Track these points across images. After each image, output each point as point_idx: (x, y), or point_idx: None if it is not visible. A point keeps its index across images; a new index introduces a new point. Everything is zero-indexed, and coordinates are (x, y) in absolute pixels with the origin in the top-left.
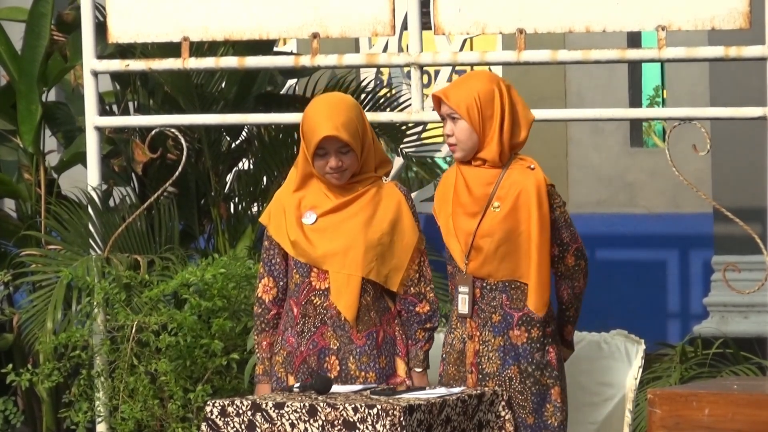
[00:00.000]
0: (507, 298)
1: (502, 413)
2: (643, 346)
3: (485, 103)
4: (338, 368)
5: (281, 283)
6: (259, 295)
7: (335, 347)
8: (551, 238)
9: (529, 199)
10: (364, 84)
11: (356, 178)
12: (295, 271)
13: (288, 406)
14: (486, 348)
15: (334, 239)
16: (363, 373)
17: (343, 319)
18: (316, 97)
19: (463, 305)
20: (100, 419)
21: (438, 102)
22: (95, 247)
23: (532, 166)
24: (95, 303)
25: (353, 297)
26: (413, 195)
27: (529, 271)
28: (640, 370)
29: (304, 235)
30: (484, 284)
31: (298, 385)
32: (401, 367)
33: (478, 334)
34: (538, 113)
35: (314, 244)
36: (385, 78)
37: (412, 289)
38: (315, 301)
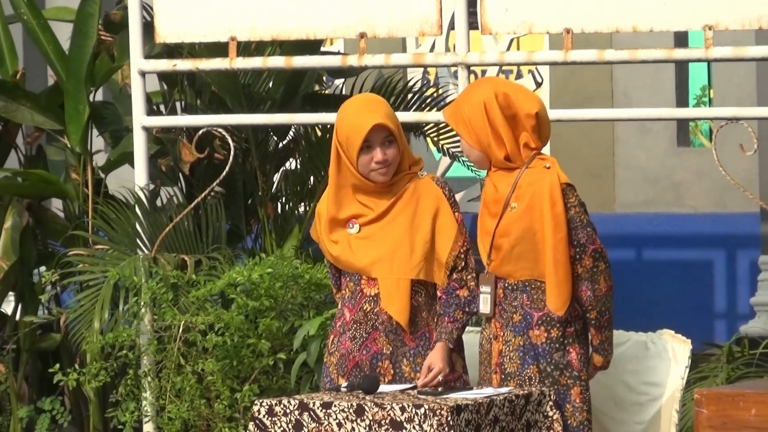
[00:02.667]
0: (527, 298)
1: (550, 413)
2: (690, 346)
3: (474, 117)
4: (392, 372)
5: (337, 285)
6: (337, 299)
7: (388, 351)
8: (568, 238)
9: (542, 197)
10: (411, 84)
11: (394, 177)
12: (348, 279)
13: (335, 406)
14: (508, 348)
15: (379, 245)
16: (417, 375)
17: (395, 323)
18: (346, 102)
19: (484, 305)
20: (146, 419)
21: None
22: (142, 246)
23: (548, 165)
24: (142, 303)
25: (404, 301)
26: (460, 195)
27: (545, 270)
28: (687, 369)
29: (348, 245)
30: (506, 284)
31: (345, 384)
32: (458, 362)
33: (501, 334)
34: (585, 113)
35: (359, 254)
36: (431, 78)
37: (454, 275)
38: (366, 308)
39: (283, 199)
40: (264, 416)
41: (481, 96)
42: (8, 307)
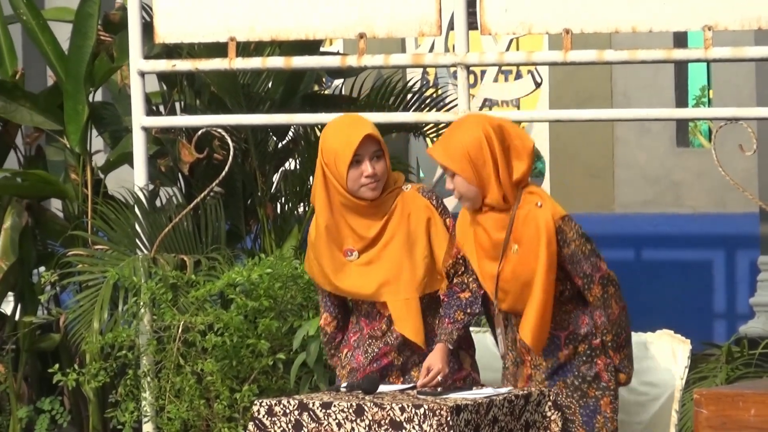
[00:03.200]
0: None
1: (549, 413)
2: (689, 346)
3: (475, 154)
4: (401, 379)
5: (339, 315)
6: (322, 326)
7: (398, 363)
8: (573, 271)
9: (538, 238)
10: (410, 84)
11: (382, 195)
12: (361, 300)
13: (335, 406)
14: (538, 371)
15: (381, 269)
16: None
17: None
18: (329, 123)
19: (502, 346)
20: (146, 419)
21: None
22: (142, 247)
23: (539, 203)
24: (141, 303)
25: (417, 321)
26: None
27: (530, 306)
28: (687, 370)
29: (352, 274)
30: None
31: (345, 384)
32: (467, 360)
33: (529, 358)
34: (585, 113)
35: (364, 281)
36: (431, 78)
37: (455, 279)
38: (383, 328)
39: (283, 199)
40: (263, 416)
41: (478, 130)
42: (8, 308)
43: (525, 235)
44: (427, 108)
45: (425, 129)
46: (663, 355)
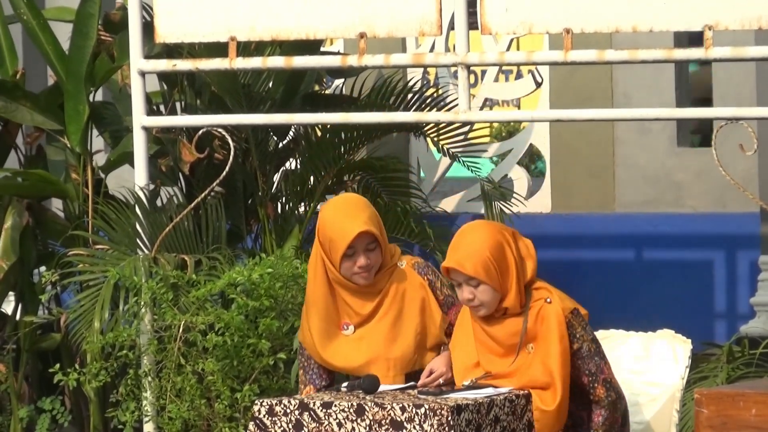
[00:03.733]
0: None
1: None
2: (690, 346)
3: (500, 260)
4: None
5: (323, 384)
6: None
7: None
8: (581, 367)
9: (551, 333)
10: (410, 84)
11: (376, 276)
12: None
13: (335, 406)
14: None
15: (372, 345)
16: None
17: None
18: (328, 203)
19: None
20: (147, 419)
21: (448, 272)
22: (142, 247)
23: (548, 299)
24: (142, 303)
25: None
26: (460, 195)
27: (552, 396)
28: (687, 369)
29: (341, 348)
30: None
31: (345, 384)
32: None
33: None
34: (585, 113)
35: (353, 355)
36: (431, 78)
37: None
38: None
39: (283, 199)
40: (264, 416)
41: (497, 237)
42: (8, 307)
43: (538, 332)
44: (428, 108)
45: (426, 129)
46: (663, 355)
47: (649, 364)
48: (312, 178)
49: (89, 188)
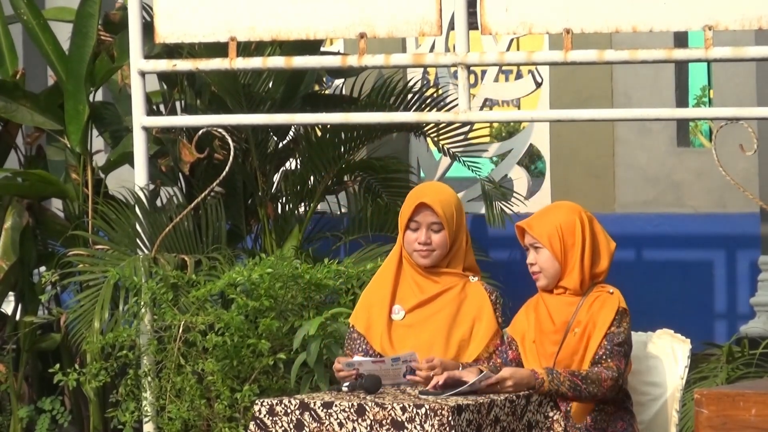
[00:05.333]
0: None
1: (551, 413)
2: (690, 346)
3: (567, 234)
4: None
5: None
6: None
7: None
8: (605, 341)
9: (603, 319)
10: (410, 84)
11: (444, 270)
12: None
13: (336, 406)
14: None
15: (420, 334)
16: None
17: None
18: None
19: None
20: (147, 419)
21: (522, 232)
22: (142, 247)
23: (611, 291)
24: (142, 303)
25: None
26: (461, 195)
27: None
28: (687, 369)
29: (389, 334)
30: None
31: (347, 384)
32: None
33: None
34: (585, 113)
35: (398, 343)
36: (431, 78)
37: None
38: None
39: (283, 199)
40: (265, 416)
41: (574, 214)
42: (8, 307)
43: (586, 317)
44: (428, 108)
45: (426, 129)
46: (663, 355)
47: (648, 364)
48: (312, 178)
49: (89, 188)
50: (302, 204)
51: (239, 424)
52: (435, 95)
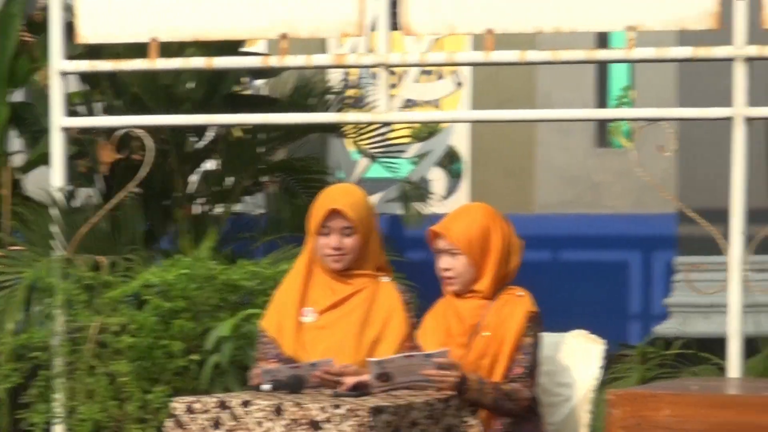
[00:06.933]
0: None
1: (468, 419)
2: (603, 347)
3: (484, 240)
4: None
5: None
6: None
7: None
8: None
9: (514, 324)
10: (332, 84)
11: (356, 271)
12: None
13: (254, 405)
14: None
15: (330, 336)
16: None
17: None
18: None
19: None
20: (58, 420)
21: (434, 236)
22: (59, 248)
23: (521, 293)
24: (56, 304)
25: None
26: (377, 197)
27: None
28: (601, 370)
29: (300, 337)
30: None
31: (269, 382)
32: None
33: None
34: (506, 114)
35: (310, 346)
36: (353, 79)
37: None
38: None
39: (201, 200)
40: (182, 413)
41: (491, 220)
42: None
43: (496, 320)
44: (348, 108)
45: (345, 129)
46: (577, 356)
47: (562, 365)
48: (230, 179)
49: (7, 189)
50: (220, 205)
51: (150, 425)
52: (355, 96)
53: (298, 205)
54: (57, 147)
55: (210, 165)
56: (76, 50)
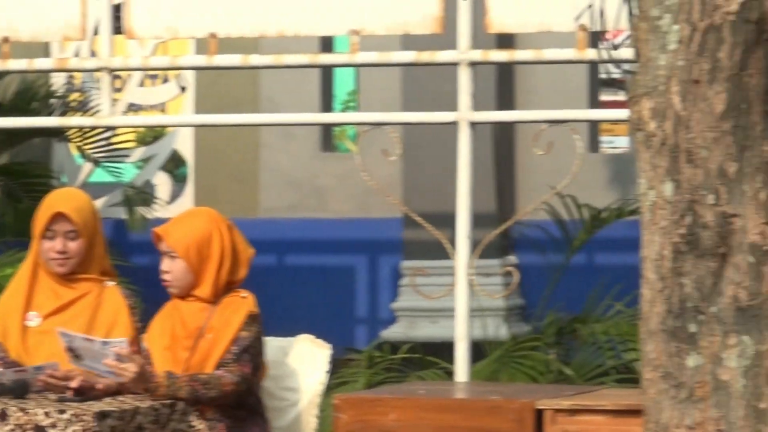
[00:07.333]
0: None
1: (195, 423)
2: (330, 351)
3: (204, 245)
4: None
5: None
6: None
7: None
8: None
9: (235, 323)
10: (54, 89)
11: (81, 275)
12: None
13: None
14: None
15: (54, 341)
16: None
17: None
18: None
19: None
20: None
21: (158, 237)
22: None
23: (244, 295)
24: None
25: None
26: (101, 201)
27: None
28: (327, 375)
29: (24, 341)
30: None
31: None
32: None
33: None
34: (230, 118)
35: (34, 350)
36: (78, 83)
37: None
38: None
39: None
40: None
41: (213, 225)
42: None
43: (221, 323)
44: (72, 113)
45: (69, 133)
46: (303, 360)
47: (288, 370)
48: None
49: None
50: None
51: None
52: (79, 100)
53: (22, 210)
54: None
55: None
56: None
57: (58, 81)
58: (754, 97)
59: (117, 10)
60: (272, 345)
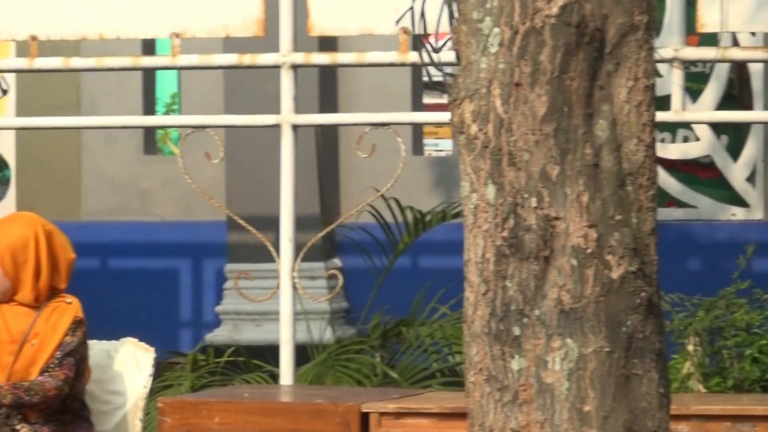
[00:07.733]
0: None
1: (18, 427)
2: (153, 354)
3: (20, 251)
4: None
5: None
6: None
7: None
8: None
9: (61, 330)
10: None
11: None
12: None
13: None
14: None
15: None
16: None
17: None
18: None
19: None
20: None
21: None
22: None
23: (69, 301)
24: None
25: None
26: None
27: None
28: (150, 378)
29: None
30: None
31: None
32: None
33: None
34: (52, 121)
35: None
36: None
37: None
38: None
39: None
40: None
41: (28, 230)
42: None
43: (45, 328)
44: None
45: None
46: (126, 364)
47: (111, 373)
48: None
49: None
50: None
51: None
52: None
53: None
54: None
55: None
56: None
57: None
58: (576, 100)
59: None
60: (96, 348)
